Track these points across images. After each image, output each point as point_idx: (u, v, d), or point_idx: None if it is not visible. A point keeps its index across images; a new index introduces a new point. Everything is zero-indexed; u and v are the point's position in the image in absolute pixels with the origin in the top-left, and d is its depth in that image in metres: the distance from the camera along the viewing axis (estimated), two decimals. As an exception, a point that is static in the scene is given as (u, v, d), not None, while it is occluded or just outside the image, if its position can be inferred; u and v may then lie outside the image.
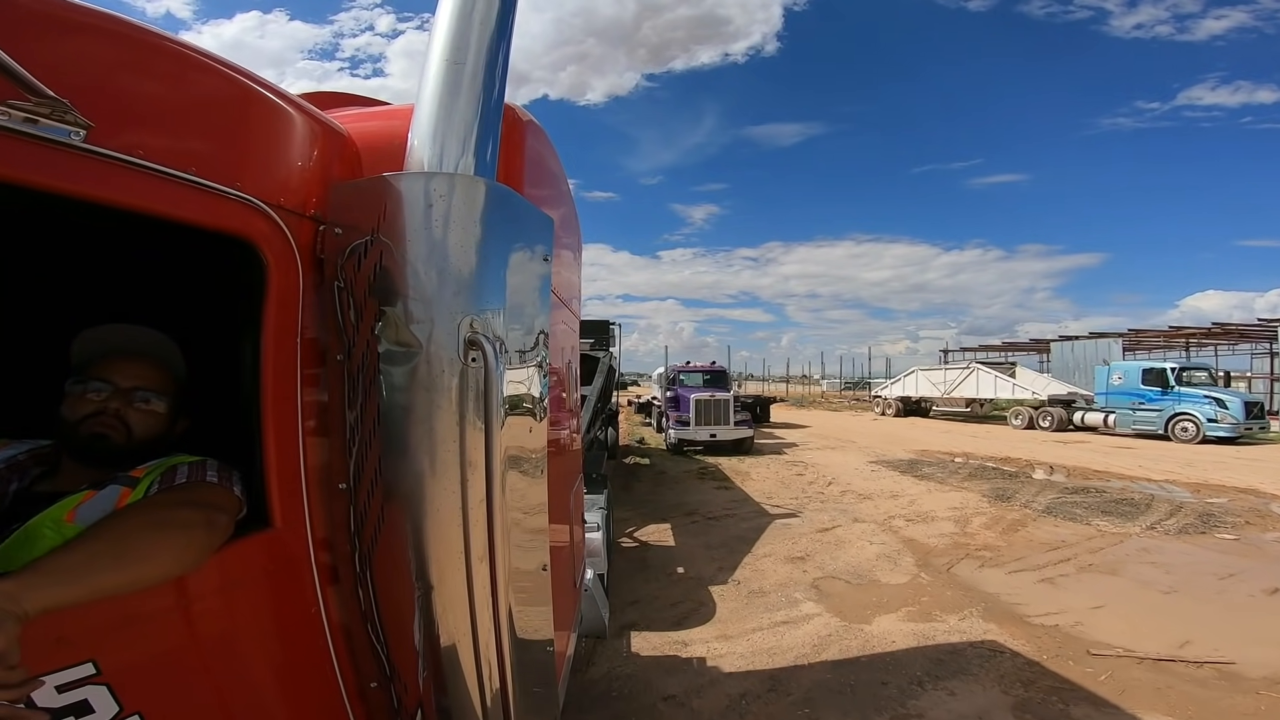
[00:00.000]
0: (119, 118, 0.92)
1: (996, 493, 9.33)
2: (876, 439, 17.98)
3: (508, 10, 1.41)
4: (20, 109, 0.79)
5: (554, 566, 1.64)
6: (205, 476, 1.16)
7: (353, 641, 1.32)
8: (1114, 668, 3.79)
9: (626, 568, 5.82)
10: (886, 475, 11.30)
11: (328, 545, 1.29)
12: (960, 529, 7.25)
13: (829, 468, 12.25)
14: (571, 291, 2.90)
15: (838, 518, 7.85)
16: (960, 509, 8.28)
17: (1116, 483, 10.20)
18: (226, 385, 1.39)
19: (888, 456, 13.87)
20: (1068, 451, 14.57)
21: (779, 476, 11.27)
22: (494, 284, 1.30)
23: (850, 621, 4.58)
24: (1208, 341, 29.71)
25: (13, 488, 1.14)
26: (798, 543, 6.72)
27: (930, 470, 11.81)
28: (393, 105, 2.07)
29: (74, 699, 0.87)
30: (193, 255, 1.35)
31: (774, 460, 13.45)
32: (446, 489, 1.23)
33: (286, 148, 1.22)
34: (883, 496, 9.33)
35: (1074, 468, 11.91)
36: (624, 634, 4.32)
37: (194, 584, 1.04)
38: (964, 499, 8.98)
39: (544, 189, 1.99)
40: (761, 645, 4.20)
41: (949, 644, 4.16)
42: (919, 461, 13.02)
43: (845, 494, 9.55)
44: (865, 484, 10.43)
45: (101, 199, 0.92)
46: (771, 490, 9.91)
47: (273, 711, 1.21)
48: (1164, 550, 6.30)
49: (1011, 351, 37.92)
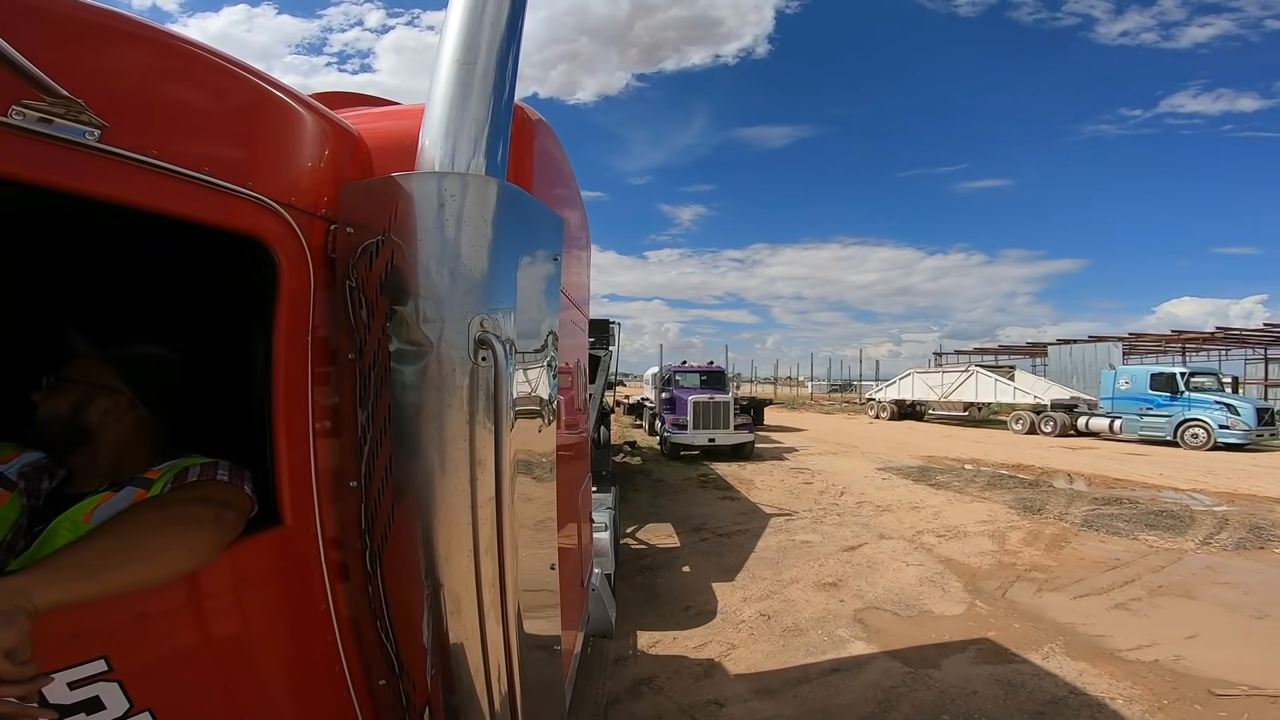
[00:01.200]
0: (132, 118, 0.93)
1: (1023, 504, 8.79)
2: (878, 444, 17.38)
3: (518, 11, 1.41)
4: (35, 109, 0.80)
5: (562, 566, 1.64)
6: (216, 475, 1.17)
7: (362, 639, 1.32)
8: (1248, 709, 3.32)
9: (634, 598, 5.09)
10: (900, 484, 10.75)
11: (338, 543, 1.29)
12: (999, 546, 6.67)
13: (837, 475, 11.64)
14: (581, 292, 2.90)
15: (861, 534, 7.23)
16: (990, 522, 7.77)
17: (1141, 491, 9.78)
18: (239, 383, 1.39)
19: (895, 463, 13.32)
20: (1079, 458, 14.10)
21: (786, 485, 10.62)
22: (505, 284, 1.30)
23: (914, 666, 3.89)
24: (1205, 347, 29.43)
25: (44, 487, 1.16)
26: (825, 565, 6.06)
27: (945, 478, 11.23)
28: (403, 105, 2.07)
29: (85, 695, 0.88)
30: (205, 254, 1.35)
31: (777, 467, 12.74)
32: (456, 488, 1.23)
33: (298, 148, 1.23)
34: (903, 508, 8.69)
35: (1092, 476, 11.44)
36: (639, 691, 3.59)
37: (205, 581, 1.05)
38: (990, 511, 8.45)
39: (554, 189, 1.99)
40: (815, 702, 3.48)
41: (1043, 691, 3.57)
42: (929, 469, 12.48)
43: (862, 505, 8.88)
44: (880, 494, 9.80)
45: (115, 199, 0.92)
46: (781, 501, 9.19)
47: (281, 708, 1.21)
48: (1230, 568, 5.88)
49: (1006, 355, 38.09)
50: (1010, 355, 37.70)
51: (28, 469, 1.15)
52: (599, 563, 3.76)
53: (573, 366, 2.52)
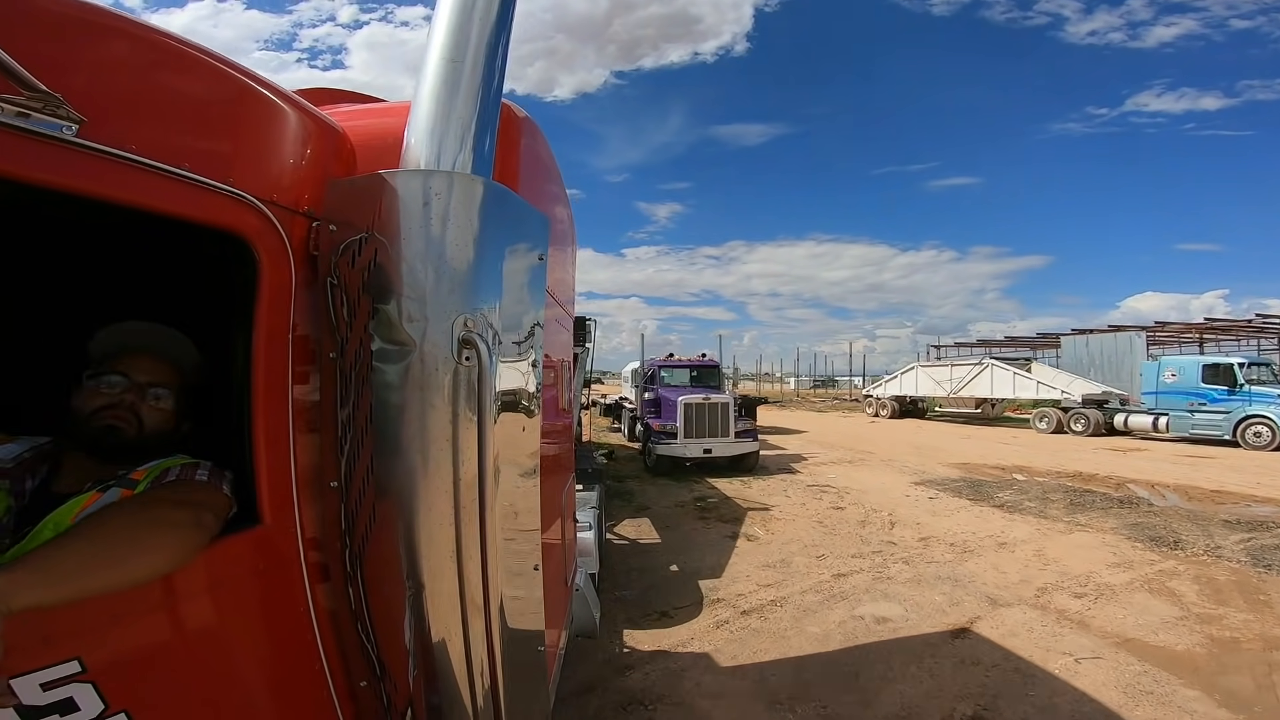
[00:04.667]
0: (112, 112, 0.91)
1: (1143, 533, 6.73)
2: (895, 447, 14.95)
3: (506, 9, 1.41)
4: (13, 103, 0.79)
5: (546, 565, 1.64)
6: (195, 476, 1.16)
7: (343, 640, 1.31)
8: None
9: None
10: (955, 505, 8.39)
11: (318, 543, 1.28)
12: (1179, 607, 4.60)
13: (869, 494, 9.19)
14: (566, 291, 2.90)
15: (958, 597, 4.89)
16: (1125, 565, 5.67)
17: (1260, 509, 7.97)
18: (218, 381, 1.38)
19: (930, 474, 11.04)
20: (1137, 463, 12.06)
21: (811, 512, 8.02)
22: (489, 282, 1.30)
23: None
24: (1223, 338, 28.22)
25: (29, 486, 1.13)
26: (938, 674, 3.62)
27: (1007, 495, 8.87)
28: (389, 103, 2.06)
29: (58, 696, 0.86)
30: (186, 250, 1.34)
31: (790, 483, 10.16)
32: (439, 488, 1.23)
33: (280, 144, 1.22)
34: (986, 546, 6.35)
35: (1179, 487, 9.33)
36: None
37: (181, 581, 1.03)
38: (1106, 545, 6.34)
39: (540, 187, 1.99)
40: None
41: None
42: (977, 481, 10.17)
43: (928, 543, 6.50)
44: (940, 522, 7.46)
45: (94, 194, 0.91)
46: (814, 539, 6.69)
47: (261, 710, 1.20)
48: None
49: (1009, 349, 34.65)
50: (1014, 348, 34.32)
51: (10, 464, 1.13)
52: (583, 562, 3.77)
53: (557, 365, 2.51)
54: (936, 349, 37.99)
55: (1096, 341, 23.42)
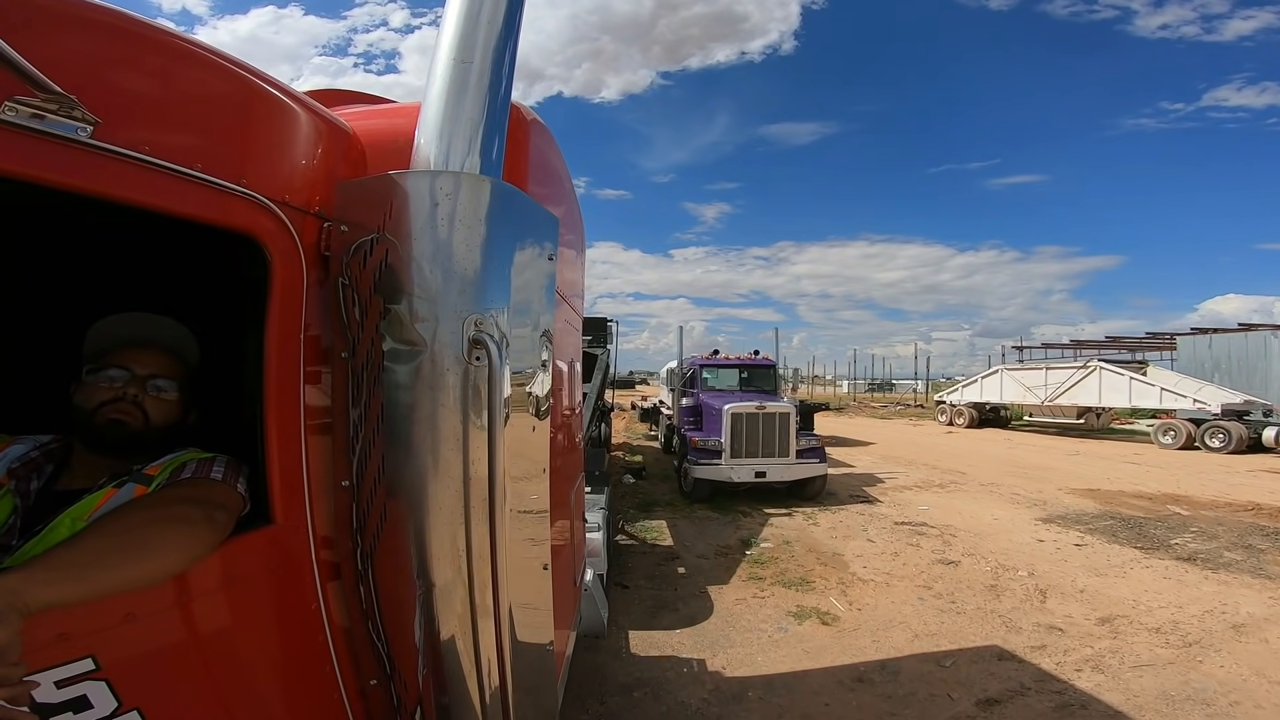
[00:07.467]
0: (126, 114, 0.92)
1: None
2: (989, 466, 12.27)
3: (515, 10, 1.41)
4: (27, 105, 0.79)
5: (554, 565, 1.64)
6: (210, 473, 1.16)
7: (353, 639, 1.32)
8: None
9: None
10: (1116, 556, 6.08)
11: (329, 542, 1.29)
12: None
13: (983, 538, 6.77)
14: (574, 290, 2.90)
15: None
16: None
17: None
18: (230, 381, 1.39)
19: (1055, 505, 8.53)
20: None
21: (911, 569, 5.71)
22: (499, 283, 1.30)
23: None
24: None
25: (34, 486, 1.14)
26: None
27: (1188, 541, 6.56)
28: (398, 104, 2.07)
29: (72, 694, 0.87)
30: (198, 251, 1.35)
31: (870, 518, 7.73)
32: (449, 487, 1.23)
33: (292, 145, 1.22)
34: (1214, 633, 4.21)
35: None
36: None
37: (194, 580, 1.04)
38: None
39: (548, 187, 1.99)
40: None
41: None
42: (1129, 518, 7.68)
43: (1116, 631, 4.29)
44: (1110, 587, 5.18)
45: (108, 195, 0.92)
46: (927, 621, 4.49)
47: (272, 708, 1.21)
48: None
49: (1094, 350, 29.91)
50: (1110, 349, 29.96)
51: (15, 465, 1.14)
52: (591, 563, 3.77)
53: (567, 365, 2.51)
54: (1018, 350, 32.49)
55: (1222, 342, 20.08)
